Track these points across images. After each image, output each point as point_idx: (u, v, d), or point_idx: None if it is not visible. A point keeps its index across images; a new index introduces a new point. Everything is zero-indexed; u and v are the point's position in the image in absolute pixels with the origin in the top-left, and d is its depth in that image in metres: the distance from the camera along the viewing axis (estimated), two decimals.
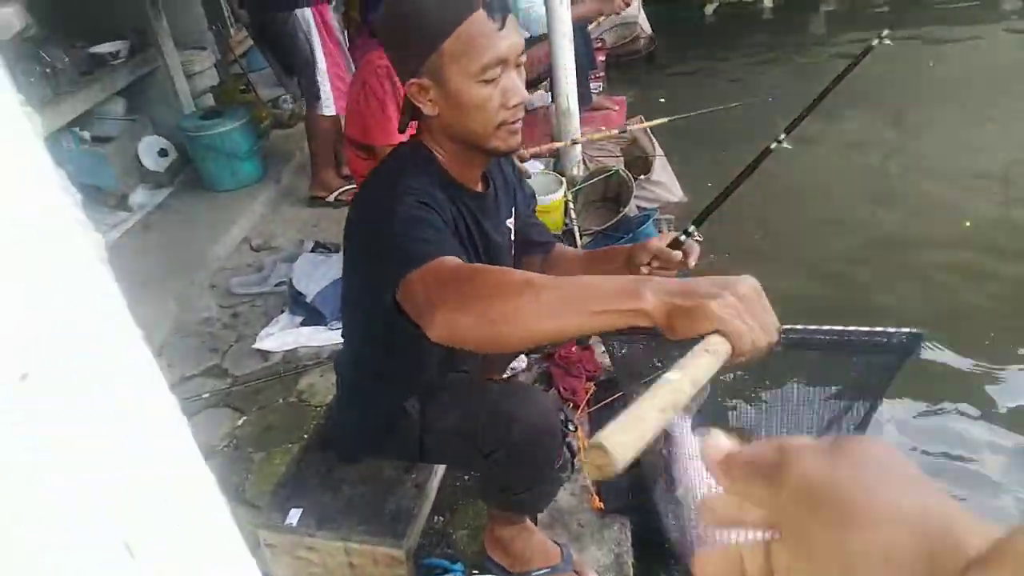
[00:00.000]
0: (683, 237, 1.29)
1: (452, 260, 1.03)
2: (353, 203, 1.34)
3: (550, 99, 3.97)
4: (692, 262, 1.28)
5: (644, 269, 1.29)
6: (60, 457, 0.30)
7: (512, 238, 1.49)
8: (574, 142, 3.40)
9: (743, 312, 0.74)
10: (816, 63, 5.82)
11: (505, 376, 2.07)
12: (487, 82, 1.17)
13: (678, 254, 1.26)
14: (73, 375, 0.30)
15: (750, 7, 6.95)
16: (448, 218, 1.20)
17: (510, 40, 1.18)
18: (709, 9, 6.83)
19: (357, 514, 1.64)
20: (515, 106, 1.21)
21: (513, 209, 1.49)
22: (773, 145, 1.44)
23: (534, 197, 1.69)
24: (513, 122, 1.22)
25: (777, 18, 6.87)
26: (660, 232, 3.24)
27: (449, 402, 1.51)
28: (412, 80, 1.21)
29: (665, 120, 3.19)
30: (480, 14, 1.15)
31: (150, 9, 3.77)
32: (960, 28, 5.99)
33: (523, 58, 1.22)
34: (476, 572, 1.78)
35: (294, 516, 1.66)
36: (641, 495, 1.92)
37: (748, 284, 0.78)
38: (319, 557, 1.67)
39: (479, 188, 1.37)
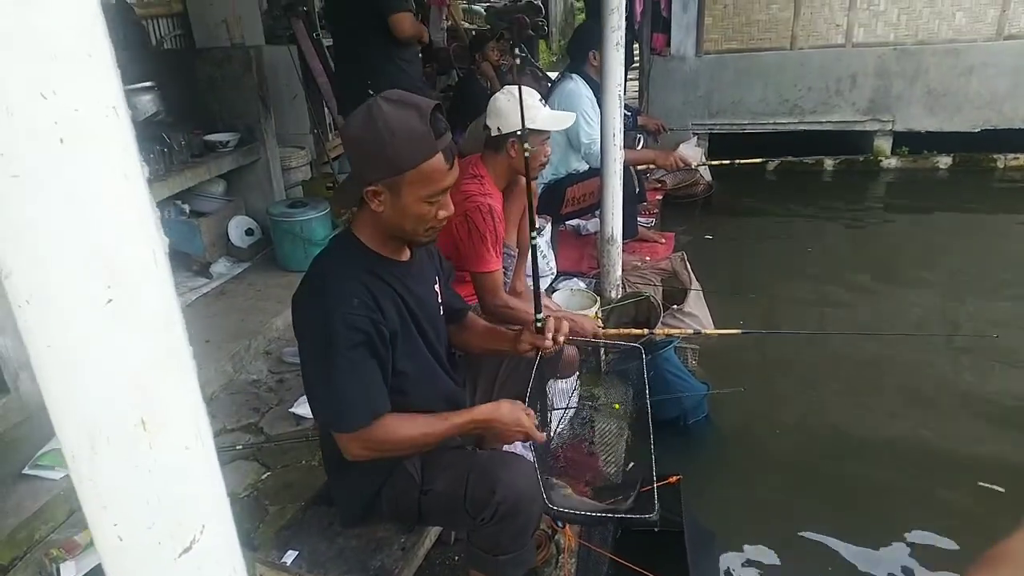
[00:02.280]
0: (538, 323, 1.79)
1: (372, 431, 1.54)
2: (294, 303, 1.61)
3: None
4: (548, 342, 1.77)
5: (524, 345, 1.81)
6: None
7: (440, 301, 1.81)
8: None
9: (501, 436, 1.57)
10: (860, 226, 6.07)
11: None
12: (431, 203, 1.53)
13: (548, 342, 1.76)
14: None
15: (812, 167, 7.27)
16: (371, 306, 1.53)
17: (454, 175, 1.55)
18: (771, 165, 7.18)
19: (345, 563, 1.80)
20: (442, 219, 1.59)
21: (437, 277, 1.82)
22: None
23: (452, 270, 2.03)
24: (436, 228, 1.61)
25: (837, 180, 7.15)
26: (682, 359, 3.41)
27: (446, 464, 1.71)
28: (369, 188, 1.52)
29: (738, 331, 3.13)
30: (438, 157, 1.49)
31: (261, 109, 4.34)
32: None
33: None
34: None
35: (290, 556, 1.83)
36: None
37: (501, 411, 1.61)
38: None
39: (404, 258, 1.68)
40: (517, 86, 2.01)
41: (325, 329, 1.49)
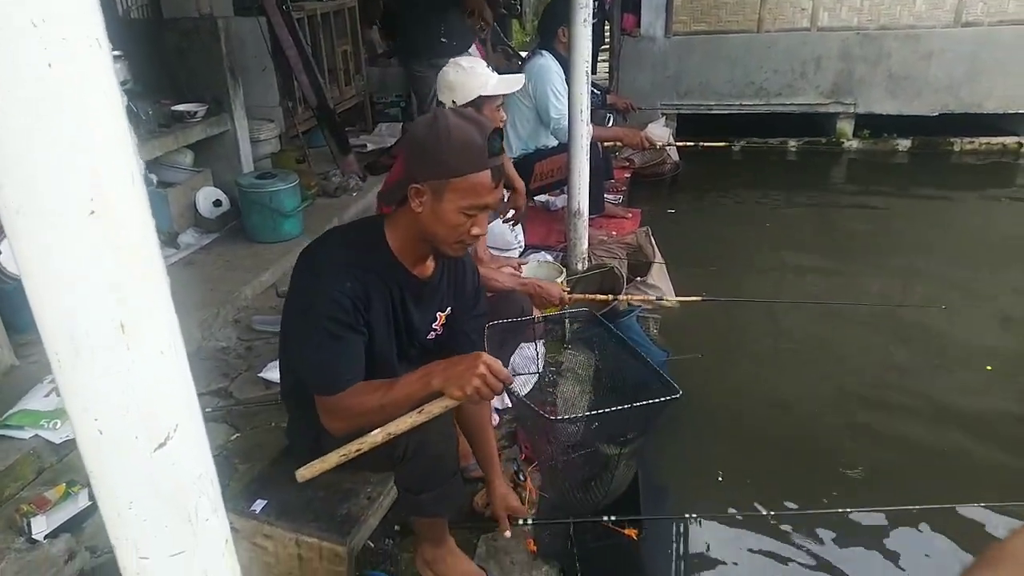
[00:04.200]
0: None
1: (341, 399, 1.59)
2: (299, 260, 1.70)
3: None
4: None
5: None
6: None
7: (436, 328, 1.84)
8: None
9: (456, 379, 1.48)
10: (821, 205, 6.25)
11: None
12: (468, 215, 1.59)
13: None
14: None
15: (776, 148, 7.43)
16: (360, 294, 1.60)
17: (497, 196, 1.62)
18: (736, 146, 7.32)
19: (312, 512, 1.88)
20: (475, 236, 1.64)
21: (451, 308, 1.85)
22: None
23: (484, 316, 1.98)
24: (467, 243, 1.66)
25: (800, 161, 7.33)
26: (644, 328, 3.53)
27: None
28: (415, 184, 1.59)
29: (698, 298, 3.25)
30: (487, 173, 1.57)
31: (230, 81, 4.33)
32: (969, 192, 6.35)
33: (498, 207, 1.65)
34: None
35: (259, 505, 1.90)
36: (573, 546, 2.12)
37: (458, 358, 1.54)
38: (273, 546, 1.89)
39: (424, 275, 1.74)
40: (464, 56, 2.08)
41: (311, 301, 1.58)
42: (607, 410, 1.75)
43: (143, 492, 0.70)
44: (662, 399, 1.55)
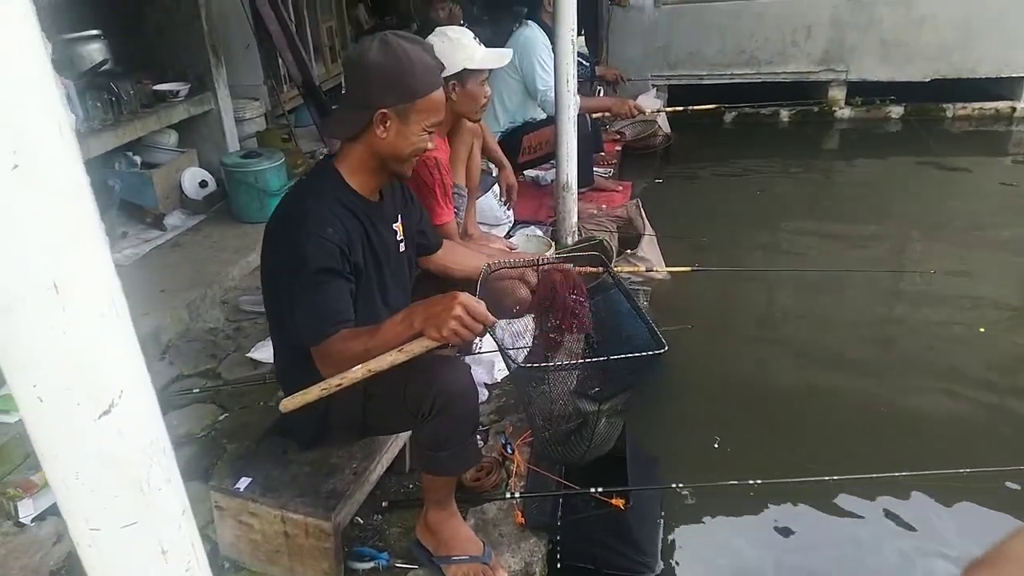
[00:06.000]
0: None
1: (331, 344, 1.59)
2: (268, 229, 1.74)
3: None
4: None
5: None
6: None
7: (400, 239, 1.90)
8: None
9: (434, 320, 1.47)
10: (813, 174, 6.21)
11: None
12: (429, 132, 1.70)
13: None
14: None
15: (767, 118, 7.36)
16: (343, 238, 1.65)
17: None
18: (728, 117, 7.25)
19: (298, 488, 1.87)
20: (429, 151, 1.77)
21: (400, 217, 1.91)
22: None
23: (422, 211, 2.11)
24: (414, 160, 1.76)
25: (792, 131, 7.26)
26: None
27: (387, 372, 1.76)
28: (382, 111, 1.63)
29: (688, 269, 3.15)
30: (441, 90, 1.70)
31: (212, 59, 4.26)
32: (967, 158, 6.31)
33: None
34: (400, 561, 1.98)
35: (243, 483, 1.89)
36: (560, 517, 2.12)
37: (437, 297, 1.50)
38: (259, 523, 1.89)
39: (375, 199, 1.81)
40: (451, 27, 2.05)
41: (300, 251, 1.60)
42: (587, 361, 1.74)
43: (89, 461, 0.67)
44: (646, 353, 1.53)
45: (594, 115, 4.61)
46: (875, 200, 5.35)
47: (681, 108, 4.73)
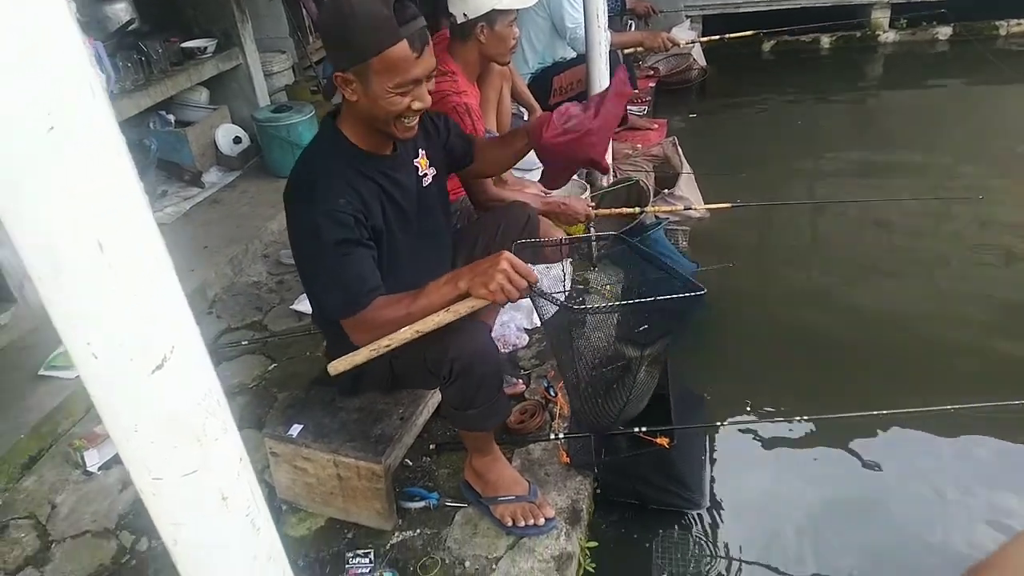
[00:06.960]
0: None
1: (367, 314, 1.56)
2: (285, 198, 1.66)
3: None
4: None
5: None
6: None
7: (423, 174, 1.82)
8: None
9: (481, 277, 1.48)
10: (856, 102, 5.96)
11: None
12: (401, 94, 1.53)
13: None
14: None
15: (807, 45, 7.06)
16: (357, 206, 1.58)
17: (425, 64, 1.53)
18: (767, 46, 6.97)
19: (348, 433, 1.92)
20: (416, 111, 1.59)
21: (420, 150, 1.82)
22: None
23: (448, 123, 1.96)
24: (407, 120, 1.60)
25: (834, 58, 6.96)
26: (673, 241, 3.46)
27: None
28: (339, 74, 1.54)
29: (728, 205, 3.12)
30: (403, 44, 1.47)
31: (237, 13, 4.23)
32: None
33: (434, 72, 1.59)
34: (450, 500, 2.04)
35: (295, 430, 1.95)
36: (605, 456, 2.14)
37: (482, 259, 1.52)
38: (313, 467, 1.95)
39: (387, 152, 1.72)
40: None
41: (313, 227, 1.55)
42: (627, 302, 1.72)
43: (146, 414, 0.70)
44: (685, 295, 1.51)
45: (626, 51, 4.47)
46: (922, 127, 5.14)
47: (717, 38, 4.56)
